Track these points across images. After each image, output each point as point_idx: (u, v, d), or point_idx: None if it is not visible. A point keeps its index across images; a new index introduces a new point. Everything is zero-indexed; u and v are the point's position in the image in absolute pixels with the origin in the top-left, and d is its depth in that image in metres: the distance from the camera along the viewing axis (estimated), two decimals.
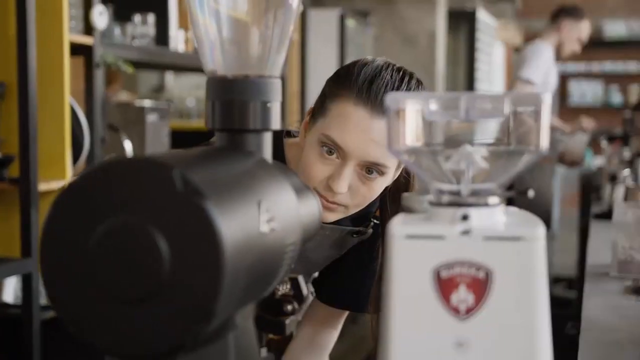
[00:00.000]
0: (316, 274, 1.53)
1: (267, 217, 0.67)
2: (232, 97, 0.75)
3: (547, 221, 4.47)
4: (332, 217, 1.29)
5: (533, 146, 0.67)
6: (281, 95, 0.78)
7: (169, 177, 0.58)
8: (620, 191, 2.67)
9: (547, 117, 0.66)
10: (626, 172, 2.79)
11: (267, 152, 0.77)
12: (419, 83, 1.29)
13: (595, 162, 5.65)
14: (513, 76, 4.69)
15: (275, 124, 0.77)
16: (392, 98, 0.68)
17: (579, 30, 4.51)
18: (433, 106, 0.68)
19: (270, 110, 0.76)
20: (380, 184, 1.28)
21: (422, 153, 0.69)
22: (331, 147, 1.24)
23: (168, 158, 0.61)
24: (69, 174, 2.54)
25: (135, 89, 5.40)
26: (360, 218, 1.41)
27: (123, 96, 4.61)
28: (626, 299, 1.65)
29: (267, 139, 0.77)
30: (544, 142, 0.66)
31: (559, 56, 4.59)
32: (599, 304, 1.60)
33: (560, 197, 5.61)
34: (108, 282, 0.59)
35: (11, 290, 2.62)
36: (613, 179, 3.05)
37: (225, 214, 0.60)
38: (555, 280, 5.20)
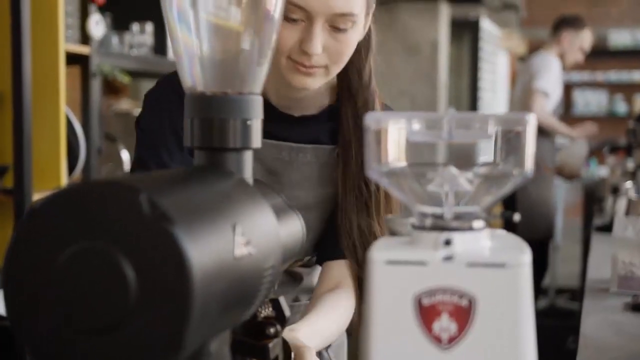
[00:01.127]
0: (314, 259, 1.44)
1: (243, 240, 0.64)
2: (211, 115, 0.72)
3: (549, 230, 4.43)
4: (314, 82, 1.25)
5: (518, 169, 0.65)
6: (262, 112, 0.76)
7: (136, 201, 0.56)
8: (622, 204, 2.64)
9: (532, 138, 0.64)
10: (628, 184, 2.76)
11: (248, 171, 0.75)
12: None
13: (599, 172, 5.61)
14: (523, 86, 4.59)
15: (257, 142, 0.75)
16: (371, 117, 0.66)
17: (580, 40, 4.49)
18: (416, 126, 0.66)
19: (250, 128, 0.74)
20: (353, 35, 1.24)
21: (403, 175, 0.67)
22: (293, 13, 1.19)
23: (137, 180, 0.59)
24: (64, 185, 2.52)
25: (138, 96, 5.39)
26: (336, 133, 1.37)
27: (124, 105, 4.59)
28: (625, 316, 1.62)
29: (248, 157, 0.75)
30: (529, 164, 0.64)
31: (562, 66, 4.57)
32: (597, 321, 1.57)
33: (563, 207, 5.58)
34: (73, 310, 0.57)
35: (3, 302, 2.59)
36: (615, 191, 3.02)
37: (196, 239, 0.57)
38: (558, 292, 5.17)
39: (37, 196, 2.39)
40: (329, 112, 1.37)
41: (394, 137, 0.66)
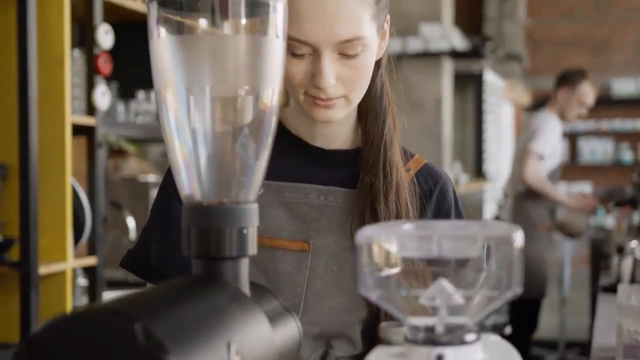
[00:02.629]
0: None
1: (238, 359, 0.65)
2: (208, 225, 0.74)
3: (542, 288, 4.37)
4: (336, 113, 1.18)
5: (508, 282, 0.66)
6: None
7: (131, 330, 0.57)
8: (628, 264, 2.63)
9: (520, 254, 0.65)
10: (634, 243, 2.75)
11: (244, 279, 0.76)
12: None
13: (606, 220, 5.60)
14: (520, 144, 4.60)
15: (252, 249, 0.76)
16: (362, 235, 0.67)
17: (578, 95, 4.50)
18: (406, 242, 0.67)
19: (246, 237, 0.75)
20: (366, 58, 1.17)
21: (395, 289, 0.68)
22: (298, 49, 1.13)
23: (130, 306, 0.60)
24: (70, 257, 2.53)
25: (145, 154, 5.43)
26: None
27: (131, 164, 4.62)
28: None
29: (244, 265, 0.76)
30: (517, 281, 0.65)
31: (565, 121, 4.58)
32: None
33: (570, 258, 5.55)
34: None
35: None
36: (621, 250, 3.01)
37: None
38: (568, 346, 5.12)
39: (42, 269, 2.40)
40: (358, 154, 1.29)
41: (384, 252, 0.67)
